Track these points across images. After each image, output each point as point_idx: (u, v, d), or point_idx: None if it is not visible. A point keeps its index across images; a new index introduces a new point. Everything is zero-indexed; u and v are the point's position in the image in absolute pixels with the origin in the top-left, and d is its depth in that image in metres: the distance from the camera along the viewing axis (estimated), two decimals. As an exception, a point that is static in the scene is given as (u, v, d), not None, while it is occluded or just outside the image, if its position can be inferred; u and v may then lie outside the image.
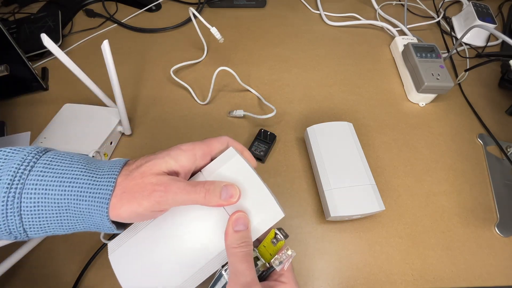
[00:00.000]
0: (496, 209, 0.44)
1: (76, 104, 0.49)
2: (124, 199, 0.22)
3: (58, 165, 0.22)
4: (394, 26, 0.65)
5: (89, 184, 0.22)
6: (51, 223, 0.22)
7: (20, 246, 0.35)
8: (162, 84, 0.55)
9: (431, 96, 0.53)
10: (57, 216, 0.22)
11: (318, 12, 0.69)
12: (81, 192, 0.22)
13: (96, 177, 0.22)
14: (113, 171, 0.23)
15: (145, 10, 0.67)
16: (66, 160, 0.23)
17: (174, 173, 0.24)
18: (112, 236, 0.38)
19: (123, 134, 0.49)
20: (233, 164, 0.25)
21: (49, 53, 0.58)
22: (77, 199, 0.22)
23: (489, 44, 0.64)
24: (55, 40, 0.56)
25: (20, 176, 0.21)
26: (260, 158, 0.46)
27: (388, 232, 0.42)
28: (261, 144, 0.46)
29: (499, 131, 0.51)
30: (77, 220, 0.23)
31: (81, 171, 0.22)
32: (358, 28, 0.67)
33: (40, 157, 0.22)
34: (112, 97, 0.44)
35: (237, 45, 0.62)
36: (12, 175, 0.21)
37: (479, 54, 0.62)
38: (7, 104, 0.52)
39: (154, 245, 0.25)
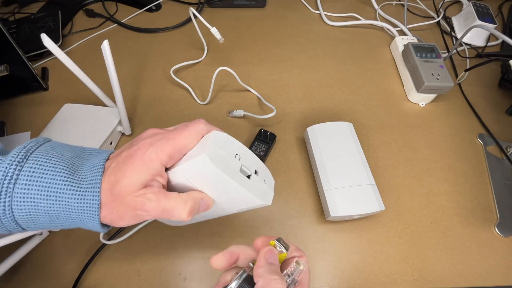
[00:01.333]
0: (496, 209, 0.44)
1: (76, 104, 0.49)
2: (115, 215, 0.23)
3: (41, 177, 0.22)
4: (394, 26, 0.65)
5: (76, 197, 0.23)
6: (46, 225, 0.24)
7: (20, 246, 0.35)
8: (162, 84, 0.55)
9: (431, 96, 0.53)
10: (50, 222, 0.23)
11: (318, 12, 0.69)
12: (68, 205, 0.23)
13: (81, 189, 0.23)
14: (95, 180, 0.23)
15: (145, 10, 0.67)
16: (49, 170, 0.22)
17: (151, 180, 0.24)
18: (111, 237, 0.39)
19: (123, 134, 0.49)
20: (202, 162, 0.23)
21: (49, 53, 0.58)
22: (66, 211, 0.23)
23: (489, 44, 0.64)
24: (55, 40, 0.56)
25: (6, 191, 0.21)
26: (260, 158, 0.46)
27: (388, 232, 0.42)
28: (261, 144, 0.46)
29: (499, 131, 0.51)
30: (69, 224, 0.24)
31: (65, 183, 0.22)
32: (358, 28, 0.67)
33: (22, 167, 0.22)
34: (112, 97, 0.44)
35: (237, 45, 0.62)
36: None
37: (479, 54, 0.62)
38: (7, 104, 0.52)
39: None
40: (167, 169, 0.25)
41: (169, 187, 0.26)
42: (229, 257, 0.23)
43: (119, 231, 0.39)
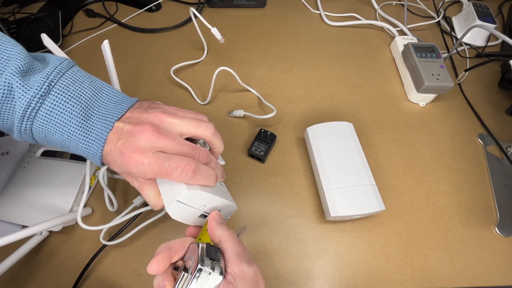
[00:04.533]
0: (496, 209, 0.44)
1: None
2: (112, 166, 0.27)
3: (59, 116, 0.25)
4: (394, 26, 0.65)
5: (84, 142, 0.26)
6: (58, 148, 0.28)
7: (20, 246, 0.35)
8: (162, 84, 0.55)
9: (431, 96, 0.53)
10: (61, 147, 0.28)
11: (318, 12, 0.69)
12: (77, 145, 0.26)
13: (89, 137, 0.26)
14: (102, 136, 0.26)
15: (145, 10, 0.67)
16: (66, 110, 0.25)
17: None
18: (111, 238, 0.39)
19: (123, 134, 0.49)
20: None
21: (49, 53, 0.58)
22: (75, 148, 0.26)
23: (489, 44, 0.64)
24: (55, 40, 0.56)
25: (28, 118, 0.25)
26: (260, 158, 0.46)
27: (388, 232, 0.42)
28: (261, 144, 0.46)
29: (499, 131, 0.51)
30: (76, 152, 0.27)
31: (78, 128, 0.26)
32: (358, 28, 0.67)
33: (44, 100, 0.25)
34: (112, 97, 0.44)
35: (237, 45, 0.62)
36: (22, 113, 0.25)
37: (479, 54, 0.62)
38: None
39: None
40: None
41: None
42: (168, 254, 0.24)
43: (119, 231, 0.39)
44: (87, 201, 0.43)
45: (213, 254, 0.24)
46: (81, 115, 0.26)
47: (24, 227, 0.35)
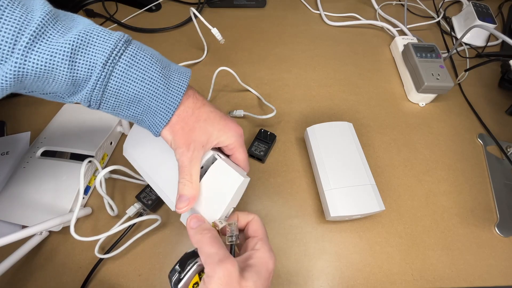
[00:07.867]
0: (496, 209, 0.44)
1: (76, 104, 0.48)
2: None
3: (141, 62, 0.26)
4: (394, 26, 0.65)
5: (165, 89, 0.27)
6: (122, 105, 0.27)
7: (20, 246, 0.35)
8: (162, 84, 0.55)
9: (431, 96, 0.53)
10: (128, 103, 0.27)
11: (318, 12, 0.69)
12: (156, 92, 0.27)
13: (169, 84, 0.27)
14: (181, 87, 0.28)
15: (145, 10, 0.67)
16: (146, 58, 0.27)
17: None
18: (107, 251, 0.39)
19: (123, 134, 0.49)
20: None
21: (49, 53, 0.58)
22: (149, 96, 0.27)
23: (489, 44, 0.64)
24: (55, 40, 0.56)
25: (112, 61, 0.25)
26: (260, 158, 0.46)
27: (388, 232, 0.42)
28: (261, 144, 0.46)
29: (499, 131, 0.51)
30: (141, 112, 0.28)
31: (159, 74, 0.27)
32: (358, 28, 0.67)
33: (127, 47, 0.26)
34: (112, 97, 0.44)
35: (237, 45, 0.62)
36: (107, 57, 0.24)
37: (479, 54, 0.62)
38: (7, 104, 0.52)
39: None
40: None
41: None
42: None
43: (115, 244, 0.39)
44: (87, 201, 0.43)
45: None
46: (159, 65, 0.27)
47: (24, 227, 0.35)
